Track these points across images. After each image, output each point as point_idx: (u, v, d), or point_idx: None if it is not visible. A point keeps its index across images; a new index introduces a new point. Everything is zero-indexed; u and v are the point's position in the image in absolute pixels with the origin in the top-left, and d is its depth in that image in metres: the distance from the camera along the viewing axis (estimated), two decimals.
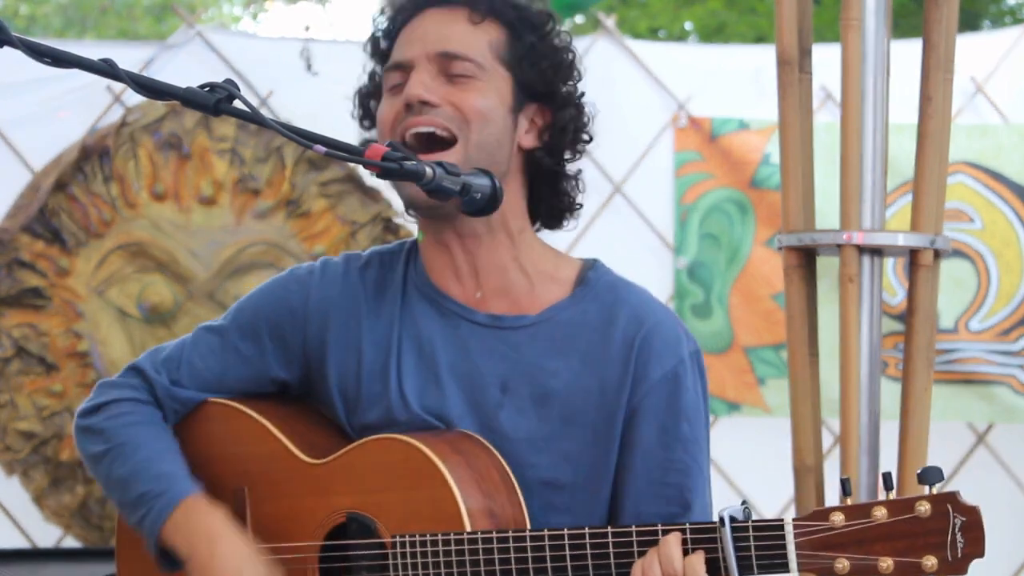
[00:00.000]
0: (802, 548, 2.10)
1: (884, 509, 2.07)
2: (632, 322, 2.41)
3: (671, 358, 2.41)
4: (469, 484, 2.29)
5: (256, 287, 2.56)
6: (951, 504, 2.05)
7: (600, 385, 2.39)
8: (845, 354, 3.25)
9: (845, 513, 2.09)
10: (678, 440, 2.39)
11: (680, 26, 12.51)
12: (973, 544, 2.05)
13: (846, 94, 3.27)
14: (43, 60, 2.05)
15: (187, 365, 2.51)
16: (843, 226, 3.26)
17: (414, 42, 2.41)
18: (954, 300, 6.02)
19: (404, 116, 2.36)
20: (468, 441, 2.37)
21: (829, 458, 3.48)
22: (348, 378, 2.44)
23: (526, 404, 2.38)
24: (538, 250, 2.48)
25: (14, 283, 5.78)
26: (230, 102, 2.14)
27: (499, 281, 2.43)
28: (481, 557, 2.24)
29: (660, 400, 2.39)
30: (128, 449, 2.46)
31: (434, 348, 2.42)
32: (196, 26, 6.18)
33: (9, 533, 5.89)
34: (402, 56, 2.41)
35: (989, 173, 6.09)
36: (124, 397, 2.51)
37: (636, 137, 6.18)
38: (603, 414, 2.38)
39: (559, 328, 2.41)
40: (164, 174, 5.87)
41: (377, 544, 2.30)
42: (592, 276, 2.47)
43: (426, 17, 2.43)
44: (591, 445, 2.38)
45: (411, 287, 2.47)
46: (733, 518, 2.13)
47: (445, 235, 2.42)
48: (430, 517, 2.27)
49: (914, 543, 2.06)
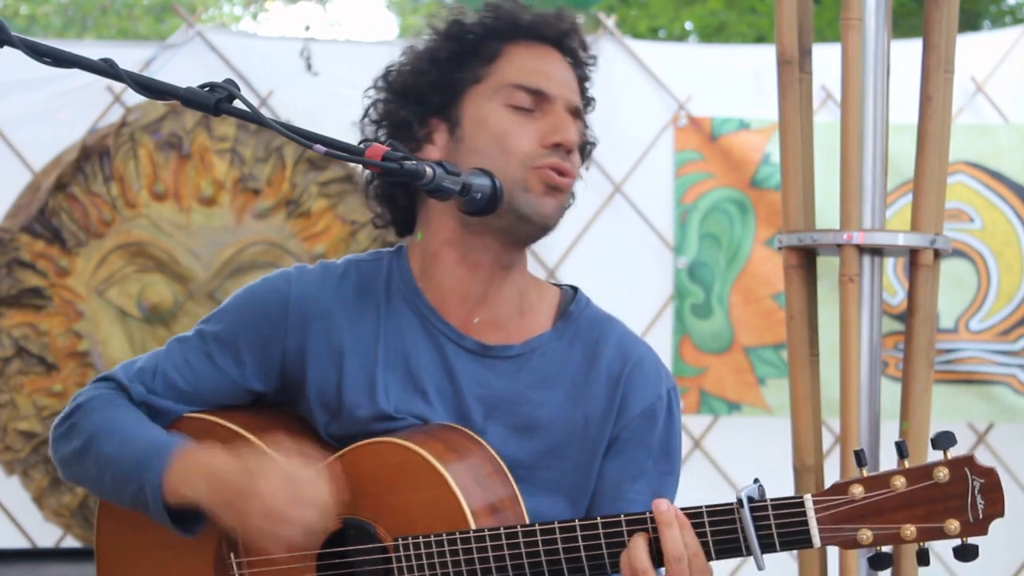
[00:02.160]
0: (823, 523, 2.12)
1: (903, 478, 2.10)
2: (617, 358, 2.45)
3: (650, 394, 2.45)
4: (468, 481, 2.28)
5: (229, 297, 2.51)
6: (968, 467, 2.08)
7: (585, 418, 2.42)
8: (845, 354, 3.24)
9: (864, 485, 2.11)
10: (644, 474, 2.43)
11: (680, 26, 12.50)
12: (993, 504, 2.08)
13: (846, 94, 3.27)
14: (43, 60, 2.05)
15: (161, 376, 2.46)
16: (843, 226, 3.25)
17: (552, 79, 2.43)
18: (954, 300, 6.02)
19: (548, 152, 2.38)
20: (457, 435, 2.37)
21: (829, 458, 3.48)
22: (328, 389, 2.42)
23: (508, 433, 2.40)
24: (529, 279, 2.50)
25: (14, 283, 5.78)
26: (230, 102, 2.14)
27: (500, 311, 2.45)
28: (490, 554, 2.24)
29: (635, 434, 2.43)
30: (109, 430, 2.40)
31: (420, 363, 2.41)
32: (196, 26, 6.18)
33: (9, 533, 5.89)
34: (543, 86, 2.41)
35: (989, 173, 6.09)
36: (93, 395, 2.47)
37: (636, 137, 6.18)
38: (586, 447, 2.42)
39: (544, 360, 2.44)
40: (164, 174, 5.87)
41: (379, 548, 2.29)
42: (574, 310, 2.49)
43: (553, 57, 2.46)
44: (571, 477, 2.41)
45: (396, 298, 2.45)
46: (751, 498, 2.14)
47: (483, 257, 2.43)
48: (432, 518, 2.26)
49: (934, 508, 2.08)
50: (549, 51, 2.46)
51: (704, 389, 6.08)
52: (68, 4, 14.74)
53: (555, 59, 2.46)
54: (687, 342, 6.09)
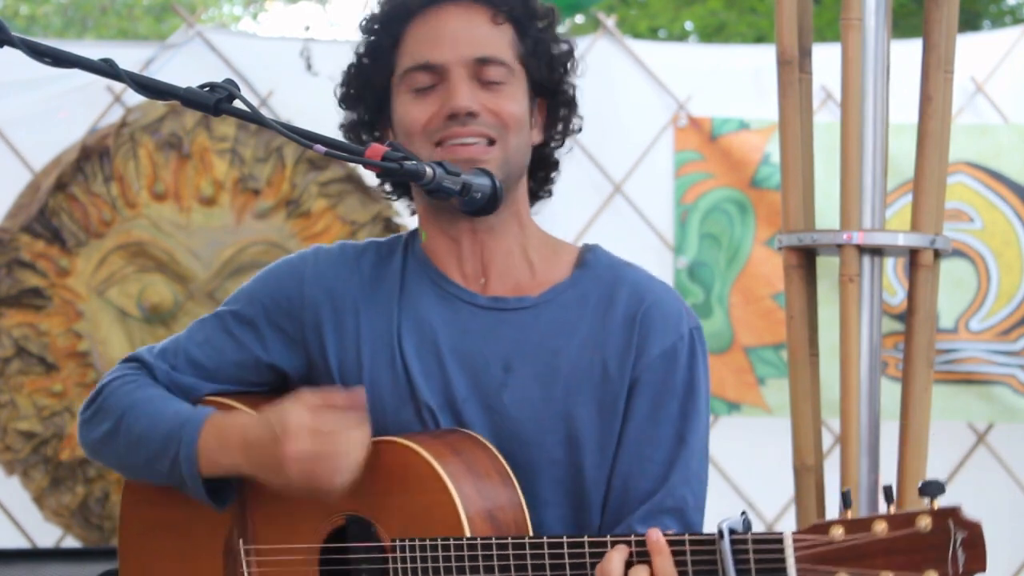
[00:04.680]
0: (802, 561, 2.08)
1: (884, 523, 2.05)
2: (633, 299, 2.42)
3: (671, 334, 2.42)
4: (469, 488, 2.28)
5: (251, 278, 2.54)
6: (952, 519, 2.03)
7: (603, 362, 2.39)
8: (845, 354, 3.25)
9: (845, 527, 2.07)
10: (668, 417, 2.40)
11: (680, 26, 12.52)
12: (974, 560, 2.03)
13: (846, 94, 3.27)
14: (43, 60, 2.05)
15: (184, 354, 2.49)
16: (843, 226, 3.25)
17: (443, 43, 2.38)
18: (954, 300, 6.02)
19: (443, 124, 2.35)
20: (466, 440, 2.36)
21: (829, 458, 3.47)
22: (349, 363, 2.43)
23: (530, 383, 2.38)
24: (539, 236, 2.50)
25: (14, 283, 5.78)
26: (230, 102, 2.14)
27: (503, 266, 2.45)
28: (481, 564, 2.23)
29: (656, 376, 2.40)
30: (136, 408, 2.41)
31: (435, 332, 2.41)
32: (196, 26, 6.18)
33: (9, 533, 5.89)
34: (433, 57, 2.38)
35: (989, 173, 6.09)
36: (118, 376, 2.48)
37: (636, 137, 6.18)
38: (608, 391, 2.39)
39: (561, 308, 2.42)
40: (164, 174, 5.87)
41: (377, 547, 2.30)
42: (591, 258, 2.48)
43: (448, 14, 2.40)
44: (596, 423, 2.39)
45: (411, 272, 2.46)
46: (733, 530, 2.13)
47: (456, 229, 2.43)
48: (430, 522, 2.27)
49: (914, 558, 2.03)
50: (442, 10, 2.39)
51: None
52: (68, 4, 14.74)
53: (449, 16, 2.39)
54: None
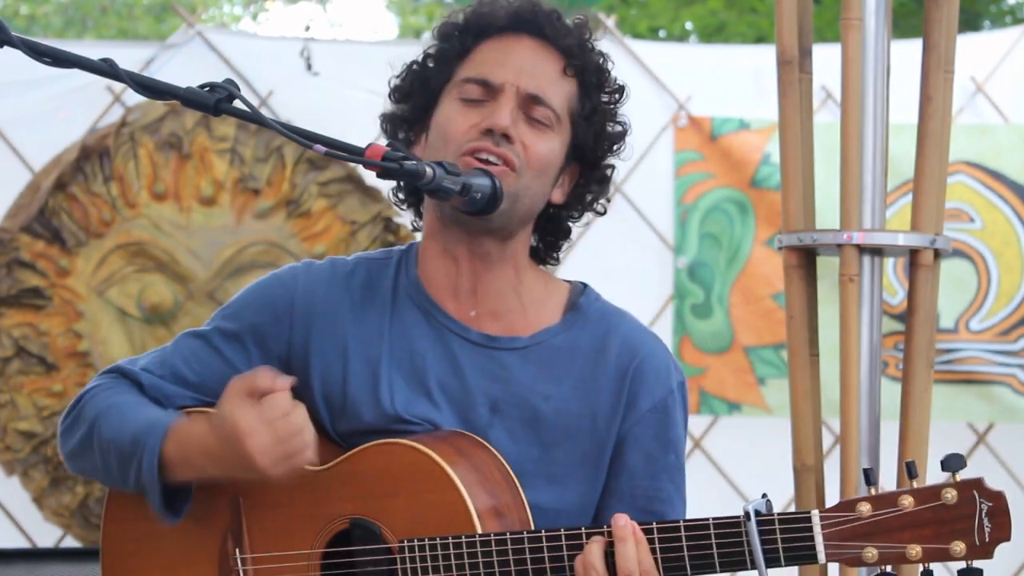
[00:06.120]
0: (830, 539, 2.12)
1: (910, 498, 2.10)
2: (625, 352, 2.43)
3: (661, 389, 2.44)
4: (475, 485, 2.28)
5: (239, 292, 2.53)
6: (977, 490, 2.09)
7: (592, 412, 2.41)
8: (845, 354, 3.24)
9: (872, 503, 2.12)
10: (665, 470, 2.43)
11: (680, 26, 12.52)
12: (999, 529, 2.09)
13: (846, 94, 3.27)
14: (43, 60, 2.05)
15: (169, 367, 2.47)
16: (843, 226, 3.25)
17: (507, 67, 2.40)
18: (954, 300, 6.02)
19: (478, 136, 2.36)
20: (467, 441, 2.36)
21: (829, 458, 3.47)
22: (333, 384, 2.42)
23: (516, 426, 2.39)
24: (532, 275, 2.50)
25: (14, 283, 5.78)
26: (230, 102, 2.14)
27: (495, 305, 2.44)
28: (495, 559, 2.24)
29: (649, 429, 2.42)
30: (108, 414, 2.40)
31: (424, 361, 2.41)
32: (196, 26, 6.18)
33: (9, 533, 5.89)
34: (491, 76, 2.39)
35: (989, 173, 6.09)
36: (96, 384, 2.47)
37: (636, 137, 6.15)
38: (594, 441, 2.40)
39: (551, 352, 2.43)
40: (164, 174, 5.87)
41: (384, 550, 2.29)
42: (583, 302, 2.49)
43: (522, 45, 2.42)
44: (579, 471, 2.40)
45: (402, 296, 2.45)
46: (758, 511, 2.15)
47: (458, 249, 2.42)
48: (439, 521, 2.26)
49: (941, 529, 2.09)
50: (519, 40, 2.42)
51: (704, 389, 6.08)
52: (68, 4, 14.75)
53: (523, 47, 2.42)
54: (687, 342, 6.09)
